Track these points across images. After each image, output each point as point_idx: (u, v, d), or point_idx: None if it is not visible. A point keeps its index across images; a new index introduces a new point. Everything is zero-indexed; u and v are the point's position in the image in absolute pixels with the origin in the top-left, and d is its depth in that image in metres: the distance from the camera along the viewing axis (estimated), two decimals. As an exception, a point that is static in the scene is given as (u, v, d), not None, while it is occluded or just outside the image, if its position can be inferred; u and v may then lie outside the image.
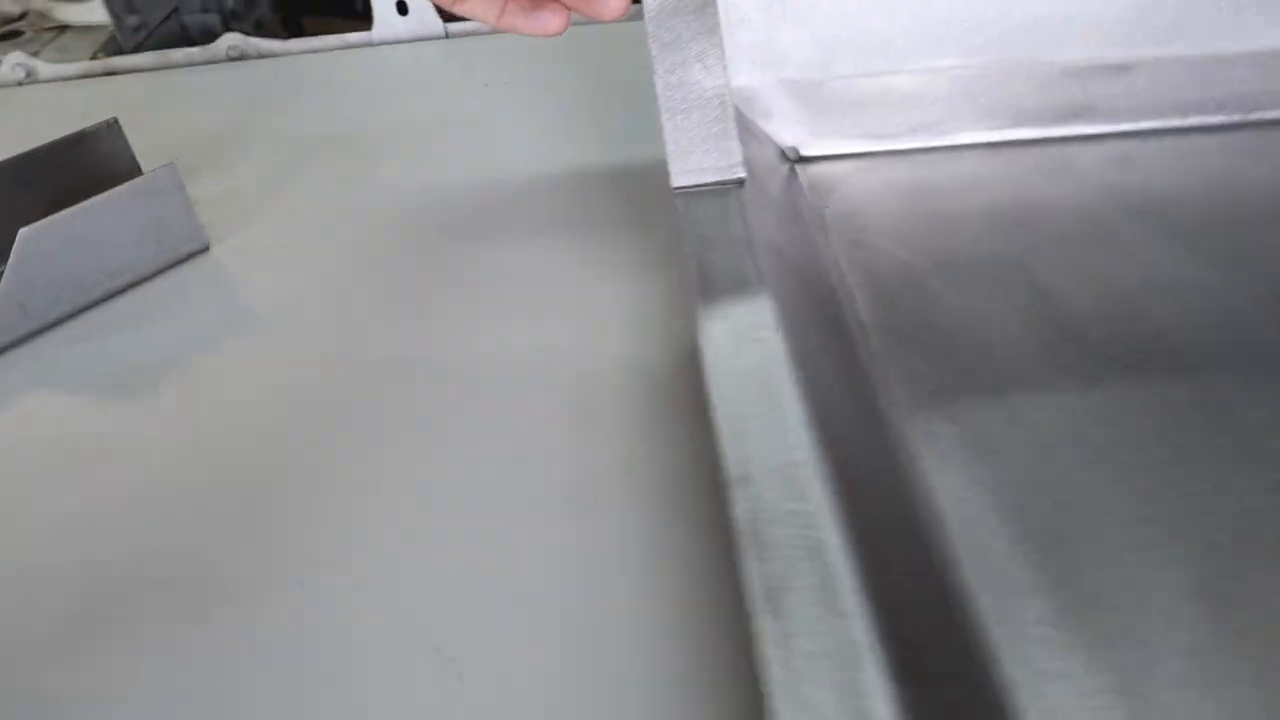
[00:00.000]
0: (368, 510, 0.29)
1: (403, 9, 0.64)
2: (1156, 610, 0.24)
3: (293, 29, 0.84)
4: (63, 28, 0.78)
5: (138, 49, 0.71)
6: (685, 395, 0.32)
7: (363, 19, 0.67)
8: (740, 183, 0.35)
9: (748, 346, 0.28)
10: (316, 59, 0.63)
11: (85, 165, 0.44)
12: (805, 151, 0.43)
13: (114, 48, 0.72)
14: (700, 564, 0.26)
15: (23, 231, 0.37)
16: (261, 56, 0.66)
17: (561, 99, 0.52)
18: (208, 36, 0.80)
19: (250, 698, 0.24)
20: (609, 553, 0.27)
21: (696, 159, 0.35)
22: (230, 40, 0.66)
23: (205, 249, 0.43)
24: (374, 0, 0.64)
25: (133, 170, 0.46)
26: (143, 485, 0.31)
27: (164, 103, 0.60)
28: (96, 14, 0.77)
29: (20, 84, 0.67)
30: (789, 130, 0.43)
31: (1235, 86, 0.44)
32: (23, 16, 0.81)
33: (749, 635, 0.19)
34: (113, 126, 0.45)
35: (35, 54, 0.72)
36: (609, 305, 0.37)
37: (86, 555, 0.29)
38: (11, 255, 0.37)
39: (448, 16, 0.65)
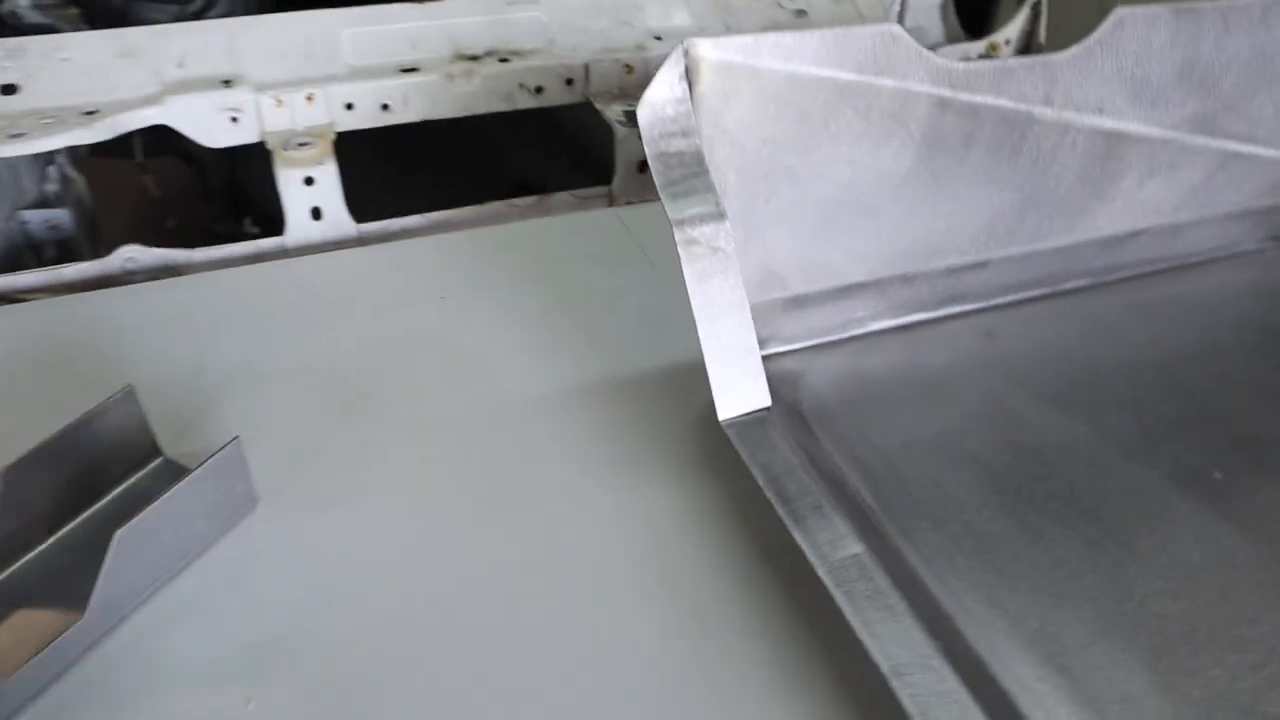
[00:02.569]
0: None
1: (316, 214, 0.69)
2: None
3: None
4: (-120, 236, 0.74)
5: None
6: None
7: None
8: (768, 410, 0.46)
9: (839, 552, 0.39)
10: (231, 276, 0.65)
11: (106, 439, 0.47)
12: (766, 352, 0.55)
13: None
14: None
15: (118, 534, 0.40)
16: (165, 268, 0.68)
17: (515, 309, 0.61)
18: (58, 231, 0.79)
19: None
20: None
21: (735, 397, 0.45)
22: (128, 252, 0.67)
23: (254, 506, 0.47)
24: (287, 205, 0.68)
25: (147, 438, 0.48)
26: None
27: (96, 341, 0.59)
28: (-78, 220, 0.73)
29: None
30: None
31: (1048, 267, 0.62)
32: None
33: None
34: (128, 396, 0.47)
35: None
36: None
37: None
38: (107, 557, 0.40)
39: (360, 217, 0.71)
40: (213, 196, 1.13)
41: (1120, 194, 0.61)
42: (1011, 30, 1.10)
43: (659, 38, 0.80)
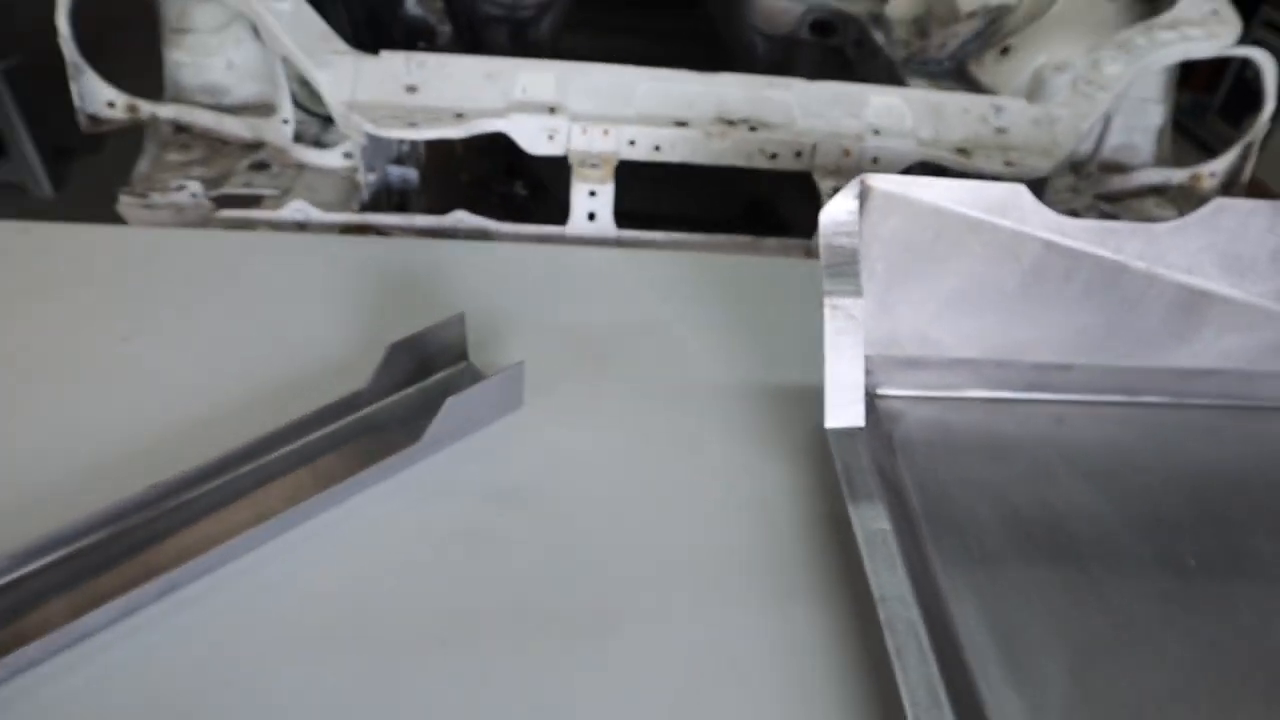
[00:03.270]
0: (673, 589, 0.62)
1: (591, 217, 0.97)
2: (1047, 669, 0.58)
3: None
4: (299, 166, 1.09)
5: (372, 199, 1.03)
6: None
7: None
8: (861, 429, 0.69)
9: (875, 530, 0.62)
10: (527, 249, 0.94)
11: (440, 343, 0.76)
12: (880, 392, 0.78)
13: (359, 198, 1.03)
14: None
15: (449, 400, 0.68)
16: (479, 231, 0.98)
17: (715, 320, 0.86)
18: (406, 183, 1.12)
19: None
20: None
21: (839, 414, 0.69)
22: (459, 215, 0.98)
23: (520, 407, 0.75)
24: (573, 206, 0.97)
25: (462, 348, 0.77)
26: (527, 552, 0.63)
27: (433, 275, 0.90)
28: (330, 160, 1.07)
29: (299, 227, 0.98)
30: (871, 379, 0.77)
31: (1127, 380, 0.80)
32: (259, 146, 1.11)
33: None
34: (459, 319, 0.76)
35: (288, 190, 1.03)
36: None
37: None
38: (441, 410, 0.68)
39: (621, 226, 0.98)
40: (497, 160, 1.45)
41: (1199, 339, 0.79)
42: (1219, 165, 1.24)
43: (878, 132, 1.02)
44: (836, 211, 0.69)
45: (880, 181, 0.69)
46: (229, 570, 0.62)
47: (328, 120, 1.10)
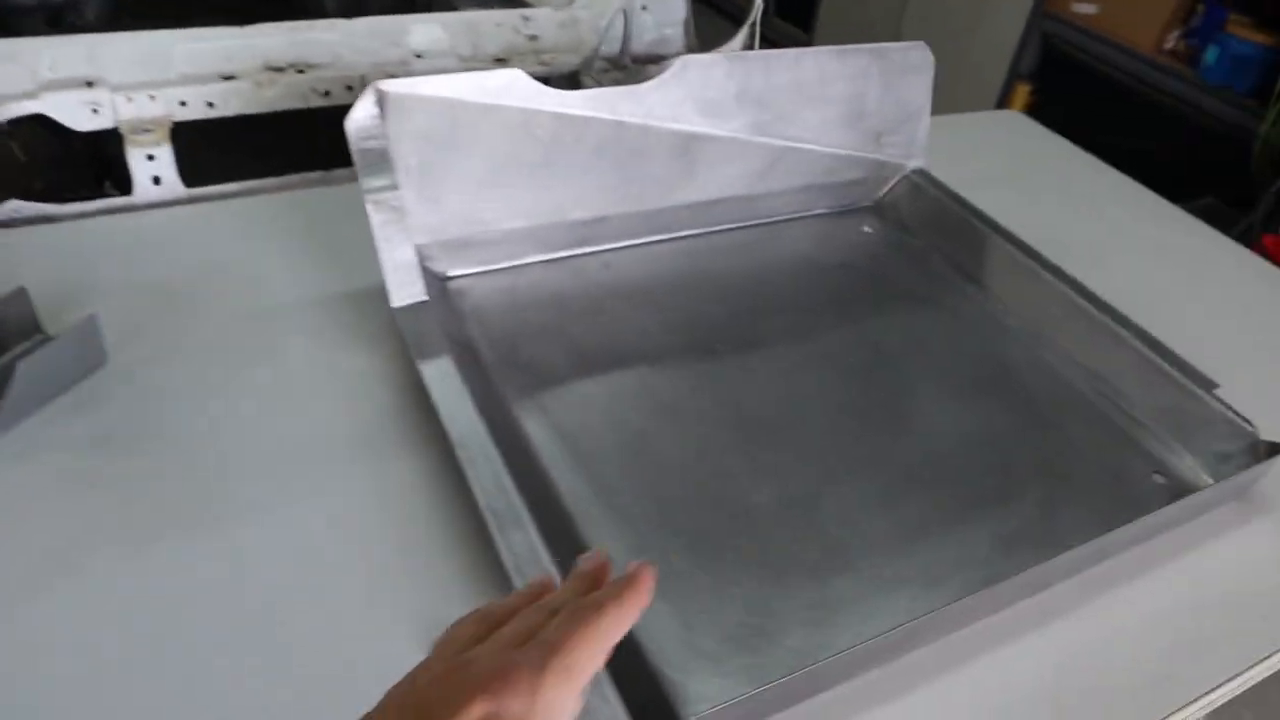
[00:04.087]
0: (278, 474, 0.69)
1: (156, 180, 1.00)
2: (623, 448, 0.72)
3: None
4: None
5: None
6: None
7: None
8: (425, 302, 0.80)
9: (443, 376, 0.73)
10: (93, 223, 0.96)
11: (6, 322, 0.77)
12: (448, 274, 0.88)
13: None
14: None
15: (20, 364, 0.71)
16: (40, 218, 0.98)
17: (292, 248, 0.93)
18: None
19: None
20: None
21: (401, 294, 0.79)
22: (13, 205, 0.97)
23: (105, 362, 0.78)
24: (134, 174, 0.99)
25: (33, 322, 0.79)
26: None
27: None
28: None
29: None
30: (439, 265, 0.88)
31: (654, 221, 0.97)
32: None
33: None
34: (21, 293, 0.78)
35: None
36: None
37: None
38: (15, 379, 0.71)
39: (189, 182, 1.02)
40: (76, 162, 1.40)
41: (700, 174, 0.96)
42: (735, 44, 1.45)
43: (419, 55, 1.12)
44: (359, 119, 0.78)
45: (392, 85, 0.78)
46: None
47: None
